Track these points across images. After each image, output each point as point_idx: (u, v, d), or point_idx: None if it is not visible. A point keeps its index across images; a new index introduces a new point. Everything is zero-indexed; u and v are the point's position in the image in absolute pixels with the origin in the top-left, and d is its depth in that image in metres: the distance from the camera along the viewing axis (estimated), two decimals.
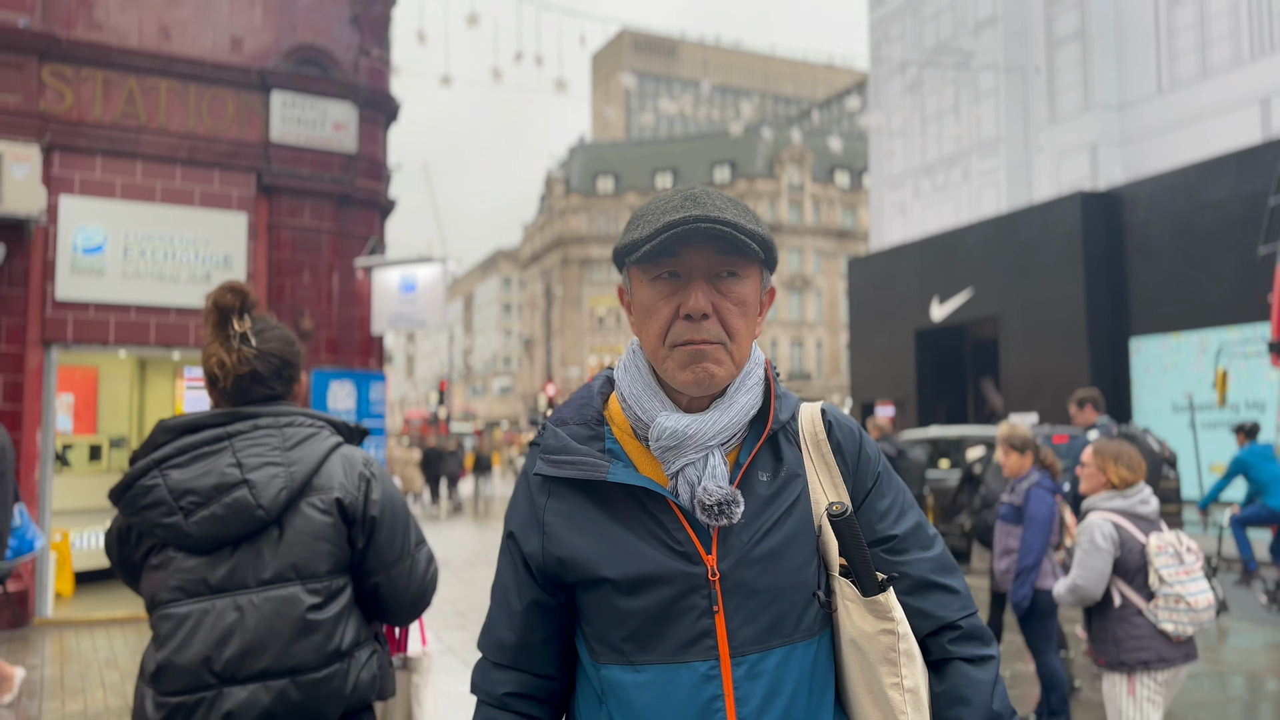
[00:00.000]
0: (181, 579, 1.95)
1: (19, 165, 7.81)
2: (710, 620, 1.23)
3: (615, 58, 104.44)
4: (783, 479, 1.30)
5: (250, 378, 2.13)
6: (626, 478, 1.26)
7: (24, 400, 8.23)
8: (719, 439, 1.27)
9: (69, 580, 9.24)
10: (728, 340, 1.27)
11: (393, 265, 9.76)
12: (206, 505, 1.95)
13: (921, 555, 1.31)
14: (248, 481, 1.97)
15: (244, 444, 2.03)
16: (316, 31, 9.61)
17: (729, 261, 1.27)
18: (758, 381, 1.33)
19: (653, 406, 1.30)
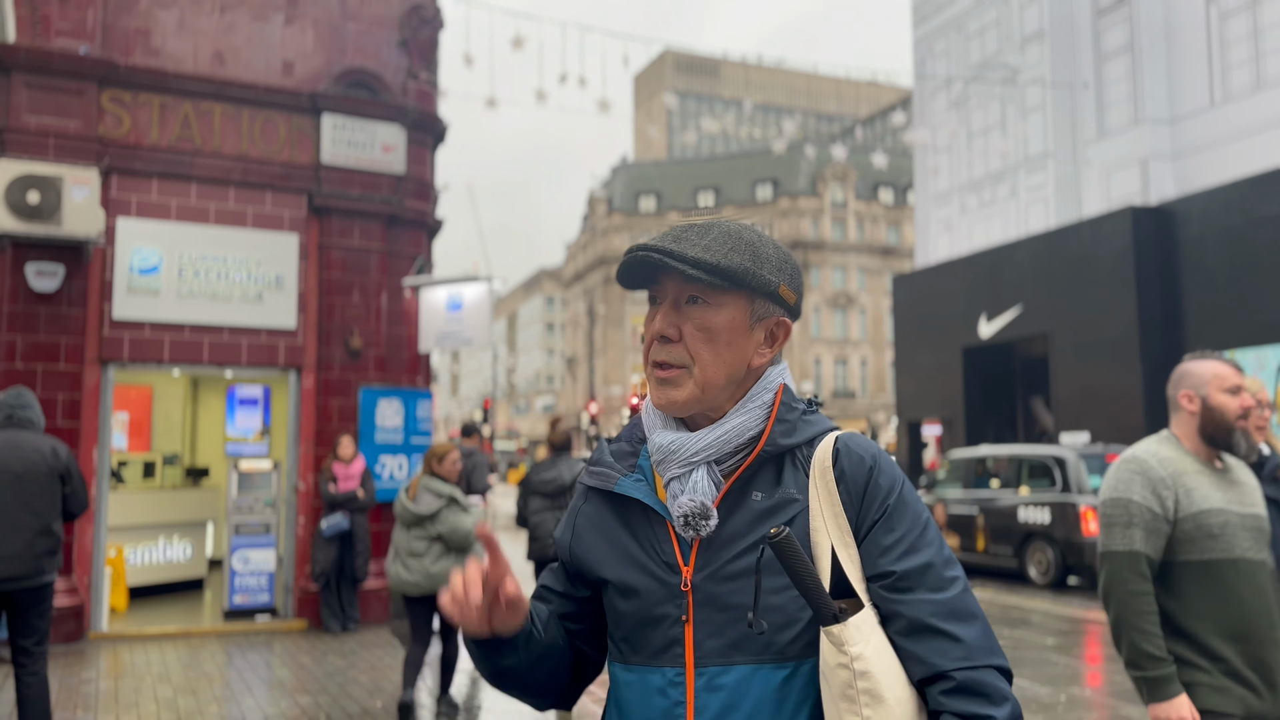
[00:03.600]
0: None
1: (79, 188, 8.02)
2: (680, 629, 1.30)
3: (658, 78, 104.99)
4: (777, 501, 1.31)
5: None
6: (629, 489, 1.37)
7: (81, 418, 8.42)
8: (702, 456, 1.32)
9: (123, 595, 9.40)
10: (691, 364, 1.33)
11: (439, 284, 9.85)
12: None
13: (926, 596, 1.24)
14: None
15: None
16: (366, 55, 9.78)
17: (691, 288, 1.33)
18: (761, 405, 1.35)
19: (653, 423, 1.39)
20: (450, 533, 5.73)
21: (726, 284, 1.31)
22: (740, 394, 1.36)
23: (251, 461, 9.56)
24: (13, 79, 8.30)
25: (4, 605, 4.73)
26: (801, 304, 1.42)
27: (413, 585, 5.80)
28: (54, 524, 4.79)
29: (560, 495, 6.53)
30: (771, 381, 1.38)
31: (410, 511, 5.80)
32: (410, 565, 5.79)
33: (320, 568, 8.61)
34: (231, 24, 9.26)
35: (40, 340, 8.24)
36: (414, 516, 5.79)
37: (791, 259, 1.41)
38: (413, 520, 5.81)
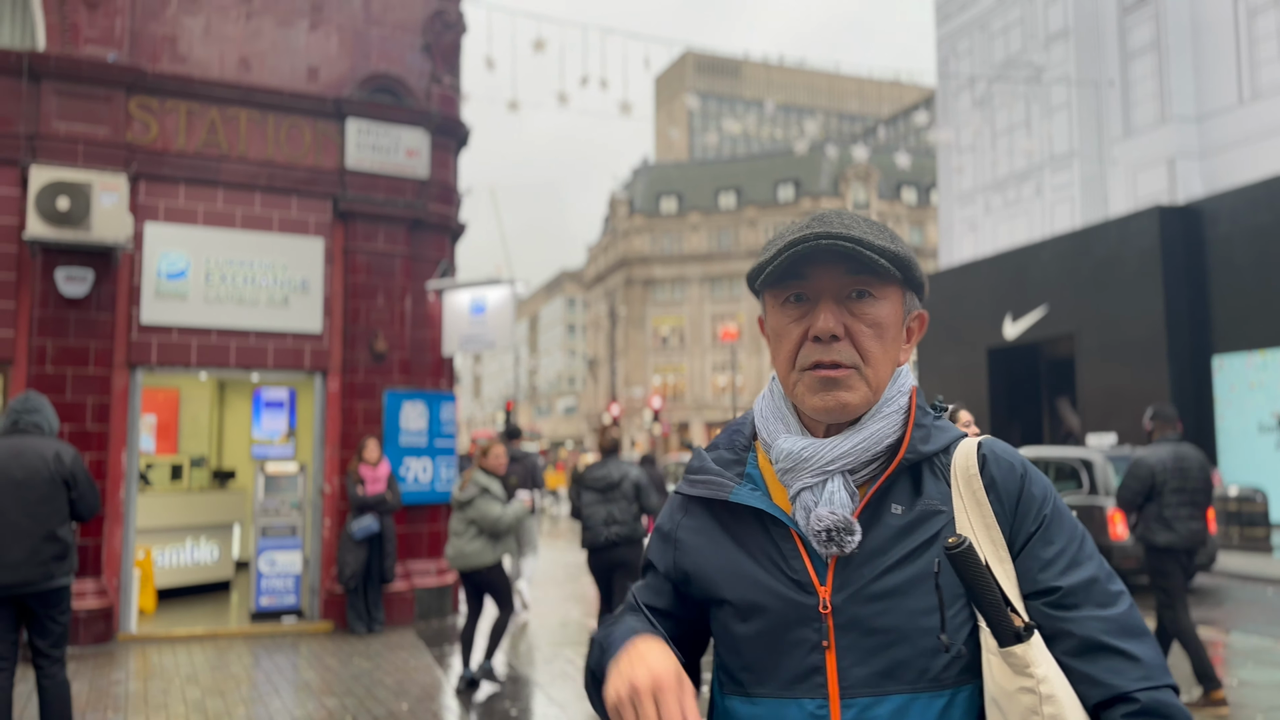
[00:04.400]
0: None
1: (107, 194, 8.11)
2: (820, 656, 1.18)
3: (679, 79, 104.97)
4: (919, 513, 1.20)
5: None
6: (748, 499, 1.26)
7: (110, 421, 8.51)
8: (839, 464, 1.21)
9: (151, 597, 9.49)
10: (862, 364, 1.22)
11: (463, 288, 9.89)
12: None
13: (1095, 613, 1.14)
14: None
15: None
16: (390, 60, 9.83)
17: (859, 281, 1.23)
18: (898, 410, 1.25)
19: (776, 429, 1.28)
20: (479, 518, 6.77)
21: (900, 275, 1.22)
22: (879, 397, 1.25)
23: (278, 464, 9.63)
24: (43, 87, 8.40)
25: (19, 610, 4.79)
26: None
27: (451, 559, 6.92)
28: (59, 529, 4.81)
29: (608, 491, 7.25)
30: (904, 383, 1.28)
31: (455, 497, 7.02)
32: (451, 543, 6.94)
33: (351, 570, 8.65)
34: (257, 30, 9.34)
35: (70, 344, 8.34)
36: (456, 501, 6.98)
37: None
38: (455, 505, 6.99)
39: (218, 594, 10.80)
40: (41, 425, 4.98)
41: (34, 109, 8.39)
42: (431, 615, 9.47)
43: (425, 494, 9.63)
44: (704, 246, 63.25)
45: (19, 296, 8.28)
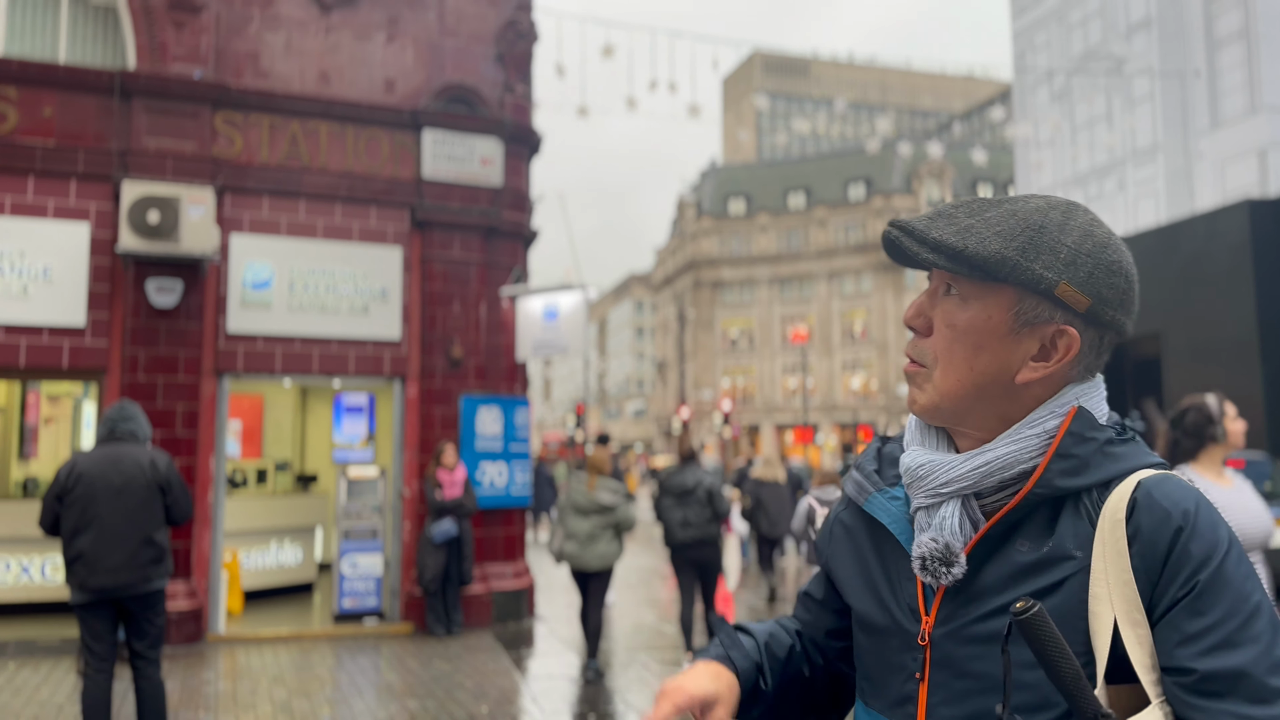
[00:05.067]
0: None
1: (195, 207, 8.38)
2: (914, 687, 1.13)
3: (747, 80, 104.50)
4: (1046, 555, 1.05)
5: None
6: (877, 509, 1.21)
7: (199, 427, 8.78)
8: (953, 488, 1.10)
9: (239, 598, 9.76)
10: (932, 365, 1.14)
11: (536, 294, 9.97)
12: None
13: (1237, 710, 0.94)
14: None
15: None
16: (464, 71, 9.97)
17: (945, 275, 1.13)
18: (1039, 434, 1.09)
19: (913, 437, 1.20)
20: (623, 521, 7.48)
21: (975, 274, 1.09)
22: (1015, 415, 1.11)
23: (359, 469, 9.83)
24: (134, 104, 8.72)
25: (118, 612, 4.96)
26: (1120, 315, 1.10)
27: (587, 561, 7.38)
28: (156, 534, 4.98)
29: (685, 495, 7.78)
30: (1063, 405, 1.11)
31: (595, 502, 7.43)
32: (588, 547, 7.38)
33: (430, 573, 8.78)
34: (335, 45, 9.55)
35: (160, 353, 8.63)
36: (598, 506, 7.42)
37: (1112, 256, 1.10)
38: (595, 510, 7.43)
39: (301, 595, 11.06)
40: (136, 433, 5.16)
41: (125, 126, 8.71)
42: (508, 618, 9.56)
43: (501, 498, 9.73)
44: (773, 247, 62.82)
45: (113, 307, 8.60)
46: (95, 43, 9.17)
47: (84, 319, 8.53)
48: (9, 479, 10.54)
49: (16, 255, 8.35)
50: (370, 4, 9.74)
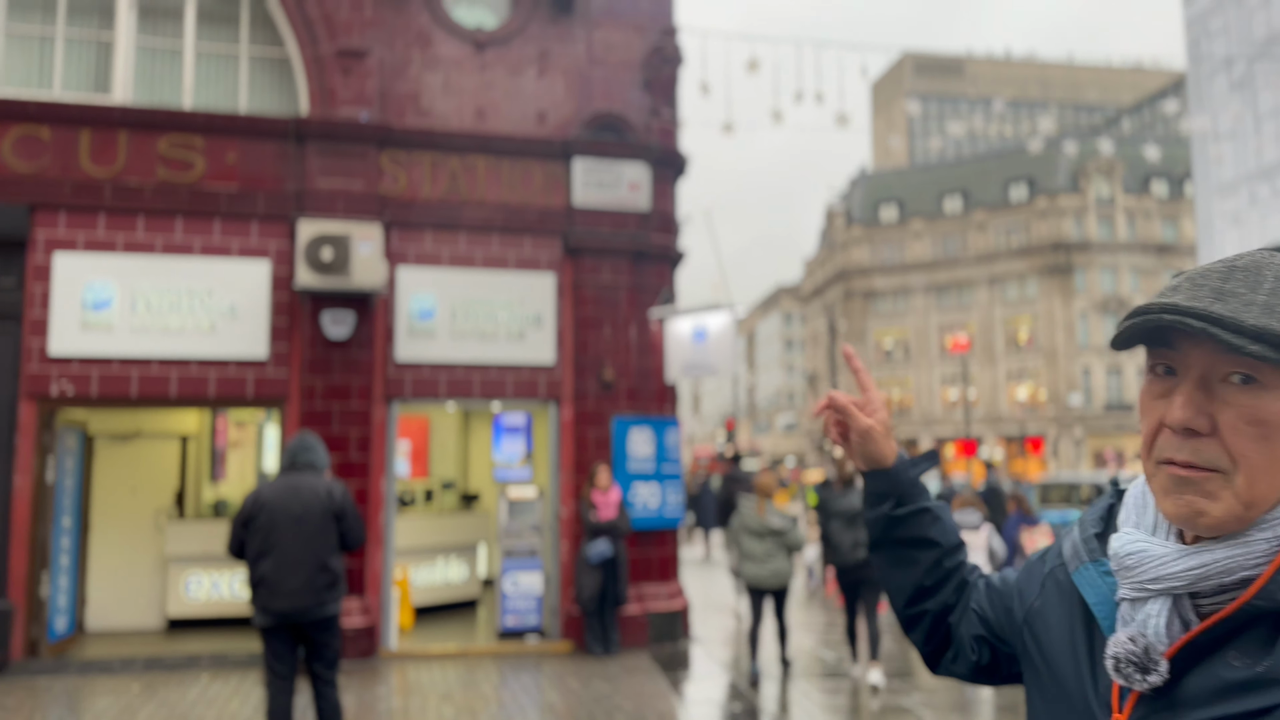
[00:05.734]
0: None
1: (365, 243, 8.85)
2: None
3: (897, 83, 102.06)
4: (1261, 675, 0.93)
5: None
6: (1082, 583, 1.12)
7: (371, 451, 9.24)
8: (1162, 585, 1.00)
9: (409, 614, 10.19)
10: (1230, 469, 0.96)
11: (684, 315, 10.01)
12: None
13: None
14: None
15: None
16: (612, 99, 10.15)
17: (1239, 362, 0.96)
18: (1271, 540, 0.97)
19: (1129, 515, 1.09)
20: (796, 542, 8.21)
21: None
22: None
23: (519, 490, 10.12)
24: (307, 148, 9.30)
25: (297, 634, 5.25)
26: None
27: (767, 579, 8.06)
28: (331, 560, 5.26)
29: (854, 518, 8.26)
30: None
31: (768, 526, 8.13)
32: (765, 566, 8.07)
33: (588, 593, 8.93)
34: (490, 81, 9.91)
35: (335, 382, 9.14)
36: (770, 530, 8.11)
37: None
38: (768, 533, 8.11)
39: (467, 612, 11.45)
40: (315, 463, 5.47)
41: (300, 168, 9.30)
42: (664, 639, 9.59)
43: (654, 519, 9.80)
44: (928, 254, 60.92)
45: (292, 340, 9.18)
46: (272, 92, 9.83)
47: (266, 351, 9.13)
48: (201, 500, 11.38)
49: (205, 293, 9.04)
50: (522, 40, 10.07)
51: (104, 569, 10.27)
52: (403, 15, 9.74)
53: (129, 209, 8.95)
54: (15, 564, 8.41)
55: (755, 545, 8.14)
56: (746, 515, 8.28)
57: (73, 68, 9.40)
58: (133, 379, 8.85)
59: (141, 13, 9.51)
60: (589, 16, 10.27)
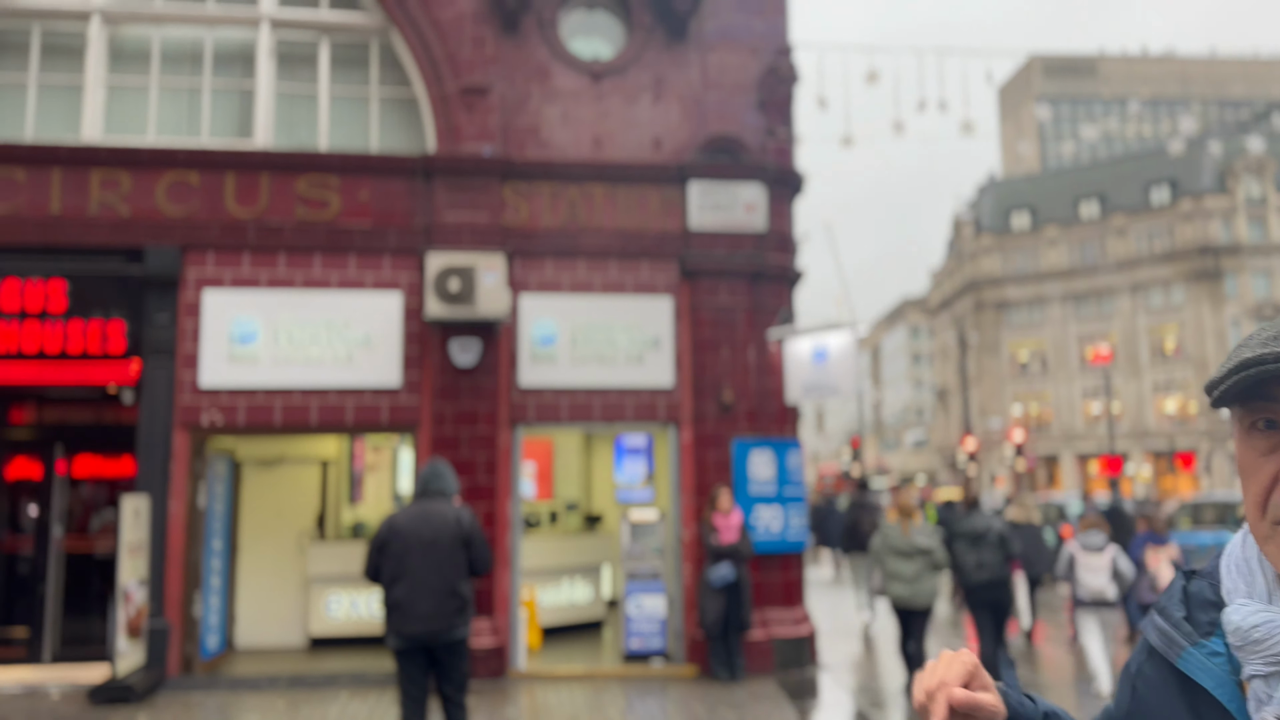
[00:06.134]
0: None
1: (489, 274, 9.12)
2: None
3: (1025, 87, 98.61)
4: None
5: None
6: (1193, 668, 1.03)
7: (497, 474, 9.48)
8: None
9: (537, 634, 10.37)
10: None
11: (803, 335, 9.90)
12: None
13: None
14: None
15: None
16: (727, 122, 10.18)
17: None
18: None
19: (1236, 586, 1.03)
20: (941, 561, 8.20)
21: None
22: None
23: (640, 512, 10.19)
24: (435, 183, 9.66)
25: (429, 657, 5.42)
26: None
27: (916, 598, 8.13)
28: (461, 585, 5.41)
29: (978, 539, 8.46)
30: None
31: (914, 545, 8.17)
32: (913, 586, 8.13)
33: (711, 617, 8.89)
34: (606, 111, 10.09)
35: (463, 407, 9.42)
36: (918, 549, 8.16)
37: None
38: (915, 552, 8.16)
39: (592, 632, 11.57)
40: (445, 490, 5.66)
41: (428, 203, 9.66)
42: (790, 665, 9.45)
43: (777, 543, 9.69)
44: (1064, 262, 58.39)
45: (422, 368, 9.52)
46: (401, 130, 10.27)
47: (399, 379, 9.50)
48: (340, 522, 11.89)
49: (342, 325, 9.48)
50: (637, 68, 10.22)
51: (251, 589, 10.84)
52: (522, 51, 10.03)
53: (271, 247, 9.48)
54: (171, 585, 8.97)
55: (903, 565, 8.21)
56: (891, 535, 8.33)
57: (218, 116, 10.05)
58: (276, 408, 9.35)
59: (279, 61, 10.09)
60: (703, 41, 10.34)
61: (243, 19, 10.01)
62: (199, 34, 10.11)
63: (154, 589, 8.85)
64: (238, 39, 10.14)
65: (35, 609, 9.73)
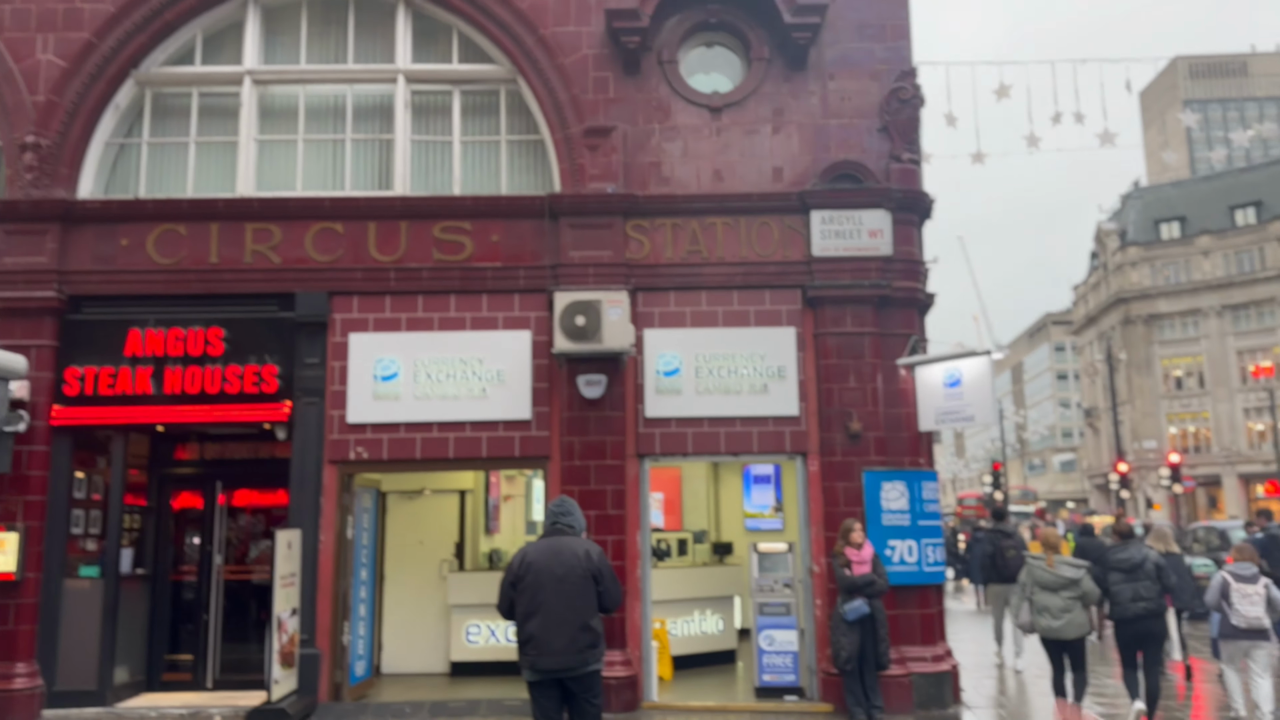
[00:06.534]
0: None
1: (614, 309, 9.29)
2: None
3: (1169, 90, 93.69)
4: None
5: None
6: None
7: (626, 506, 9.59)
8: None
9: (668, 665, 10.41)
10: None
11: (935, 362, 9.67)
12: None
13: None
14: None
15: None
16: (849, 148, 10.10)
17: None
18: None
19: None
20: (1089, 593, 8.21)
21: None
22: None
23: (769, 543, 10.11)
24: (561, 223, 9.94)
25: (562, 690, 5.52)
26: None
27: (1065, 630, 8.16)
28: (592, 620, 5.51)
29: (1133, 571, 8.33)
30: None
31: (1061, 577, 8.23)
32: (1062, 619, 8.17)
33: (846, 653, 8.71)
34: (726, 144, 10.18)
35: (591, 440, 9.60)
36: (1064, 581, 8.21)
37: None
38: (1062, 585, 8.21)
39: (724, 664, 11.51)
40: (574, 525, 5.80)
41: (555, 242, 9.94)
42: (931, 704, 9.16)
43: (913, 575, 9.44)
44: (1219, 272, 54.89)
45: (551, 402, 9.77)
46: (528, 173, 10.62)
47: (530, 413, 9.77)
48: (478, 551, 12.25)
49: (476, 362, 9.83)
50: (756, 100, 10.27)
51: (396, 617, 11.28)
52: (643, 90, 10.24)
53: (410, 290, 9.94)
54: (321, 614, 9.44)
55: (1051, 599, 8.24)
56: (1037, 570, 8.38)
57: (359, 166, 10.63)
58: (417, 442, 9.75)
59: (415, 112, 10.61)
60: (822, 69, 10.32)
61: (381, 75, 10.59)
62: (341, 90, 10.74)
63: (305, 618, 9.33)
64: (376, 93, 10.72)
65: (199, 636, 10.41)
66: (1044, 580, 8.30)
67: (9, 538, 9.15)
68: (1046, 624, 8.25)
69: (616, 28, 9.99)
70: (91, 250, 9.94)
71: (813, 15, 10.06)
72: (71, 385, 9.69)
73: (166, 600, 10.51)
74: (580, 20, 10.27)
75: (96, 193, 10.29)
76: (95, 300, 9.94)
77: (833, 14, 10.27)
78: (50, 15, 10.23)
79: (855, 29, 10.39)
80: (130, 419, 9.76)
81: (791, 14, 10.03)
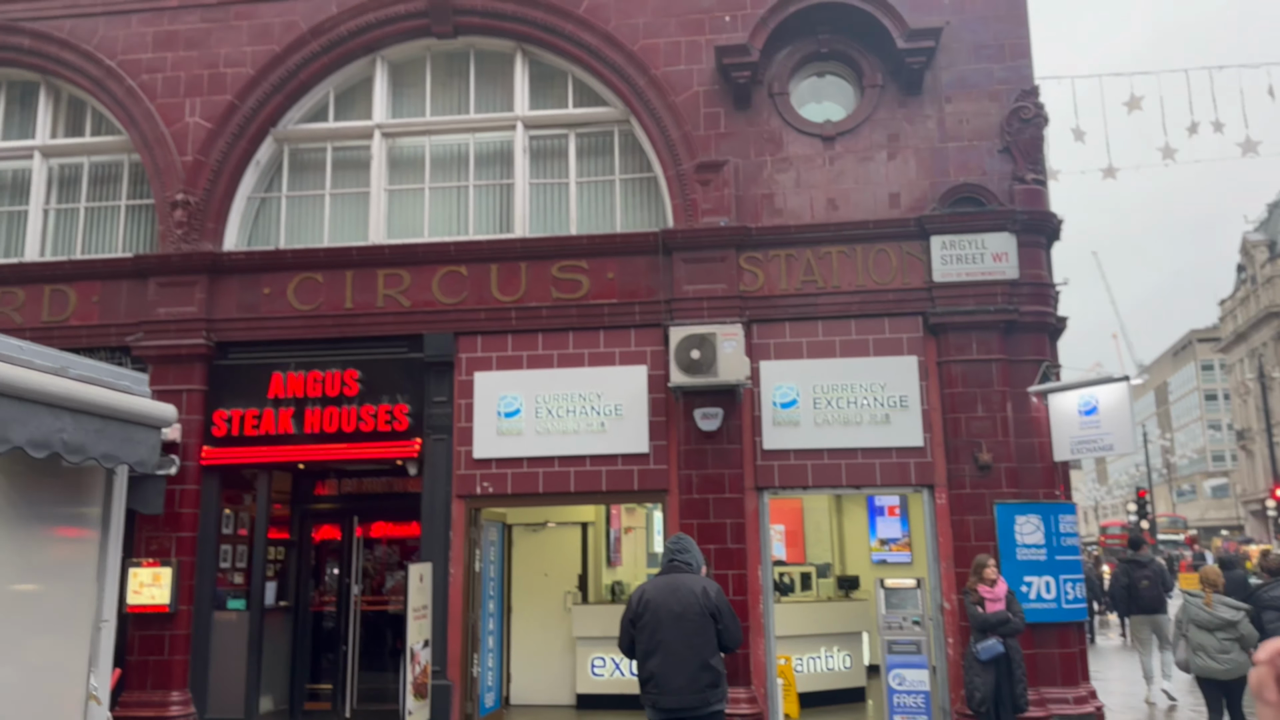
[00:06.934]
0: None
1: (728, 342, 9.29)
2: None
3: None
4: None
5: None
6: None
7: (746, 540, 9.52)
8: None
9: (794, 703, 10.22)
10: None
11: (1068, 389, 9.29)
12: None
13: None
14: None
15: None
16: (968, 170, 9.87)
17: None
18: None
19: None
20: (1247, 635, 8.02)
21: None
22: None
23: (896, 578, 9.85)
24: (674, 257, 10.02)
25: None
26: None
27: (1222, 671, 8.02)
28: (712, 659, 5.47)
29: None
30: None
31: (1219, 618, 8.08)
32: (1219, 659, 8.04)
33: (980, 695, 8.37)
34: (840, 172, 10.09)
35: (709, 473, 9.59)
36: (1221, 622, 8.06)
37: None
38: (1219, 625, 8.06)
39: (853, 701, 11.24)
40: (691, 563, 5.80)
41: (668, 277, 10.03)
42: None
43: (1050, 612, 9.03)
44: None
45: (668, 435, 9.81)
46: (641, 210, 10.77)
47: (647, 446, 9.84)
48: (601, 583, 12.35)
49: (595, 397, 9.97)
50: (870, 126, 10.16)
51: (523, 648, 11.47)
52: (754, 124, 10.27)
53: (530, 329, 10.19)
54: (452, 646, 9.68)
55: (1207, 639, 8.13)
56: (1193, 609, 8.26)
57: (481, 211, 11.00)
58: (539, 476, 9.95)
59: (533, 156, 10.93)
60: (938, 92, 10.13)
61: (500, 123, 10.96)
62: (463, 139, 11.16)
63: (436, 649, 9.58)
64: (497, 140, 11.10)
65: (338, 666, 10.83)
66: (1200, 620, 8.15)
67: (163, 573, 9.75)
68: (1202, 663, 8.09)
69: (727, 64, 10.07)
70: (237, 299, 10.59)
71: (926, 39, 9.91)
72: (219, 427, 10.29)
73: (308, 631, 10.99)
74: (690, 59, 10.40)
75: (240, 245, 10.97)
76: (240, 346, 10.56)
77: (947, 37, 10.10)
78: (196, 80, 11.01)
79: (972, 50, 10.18)
80: (274, 458, 10.29)
81: (904, 39, 9.90)
